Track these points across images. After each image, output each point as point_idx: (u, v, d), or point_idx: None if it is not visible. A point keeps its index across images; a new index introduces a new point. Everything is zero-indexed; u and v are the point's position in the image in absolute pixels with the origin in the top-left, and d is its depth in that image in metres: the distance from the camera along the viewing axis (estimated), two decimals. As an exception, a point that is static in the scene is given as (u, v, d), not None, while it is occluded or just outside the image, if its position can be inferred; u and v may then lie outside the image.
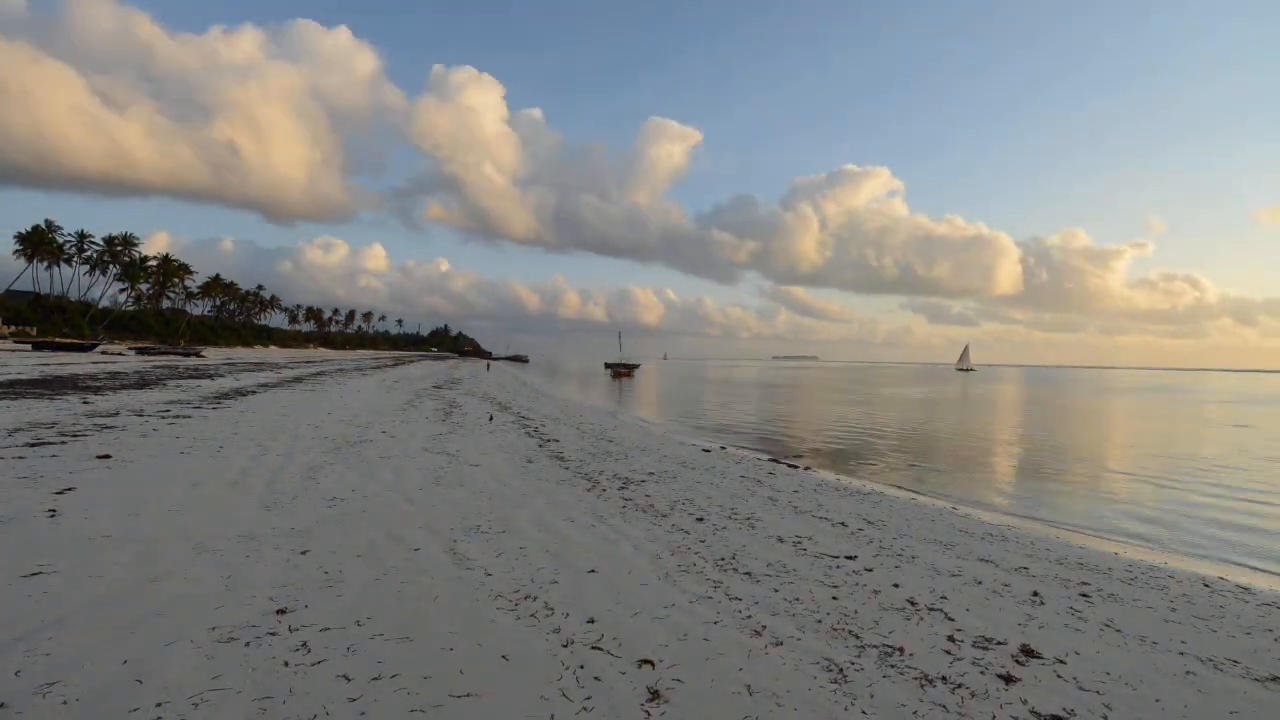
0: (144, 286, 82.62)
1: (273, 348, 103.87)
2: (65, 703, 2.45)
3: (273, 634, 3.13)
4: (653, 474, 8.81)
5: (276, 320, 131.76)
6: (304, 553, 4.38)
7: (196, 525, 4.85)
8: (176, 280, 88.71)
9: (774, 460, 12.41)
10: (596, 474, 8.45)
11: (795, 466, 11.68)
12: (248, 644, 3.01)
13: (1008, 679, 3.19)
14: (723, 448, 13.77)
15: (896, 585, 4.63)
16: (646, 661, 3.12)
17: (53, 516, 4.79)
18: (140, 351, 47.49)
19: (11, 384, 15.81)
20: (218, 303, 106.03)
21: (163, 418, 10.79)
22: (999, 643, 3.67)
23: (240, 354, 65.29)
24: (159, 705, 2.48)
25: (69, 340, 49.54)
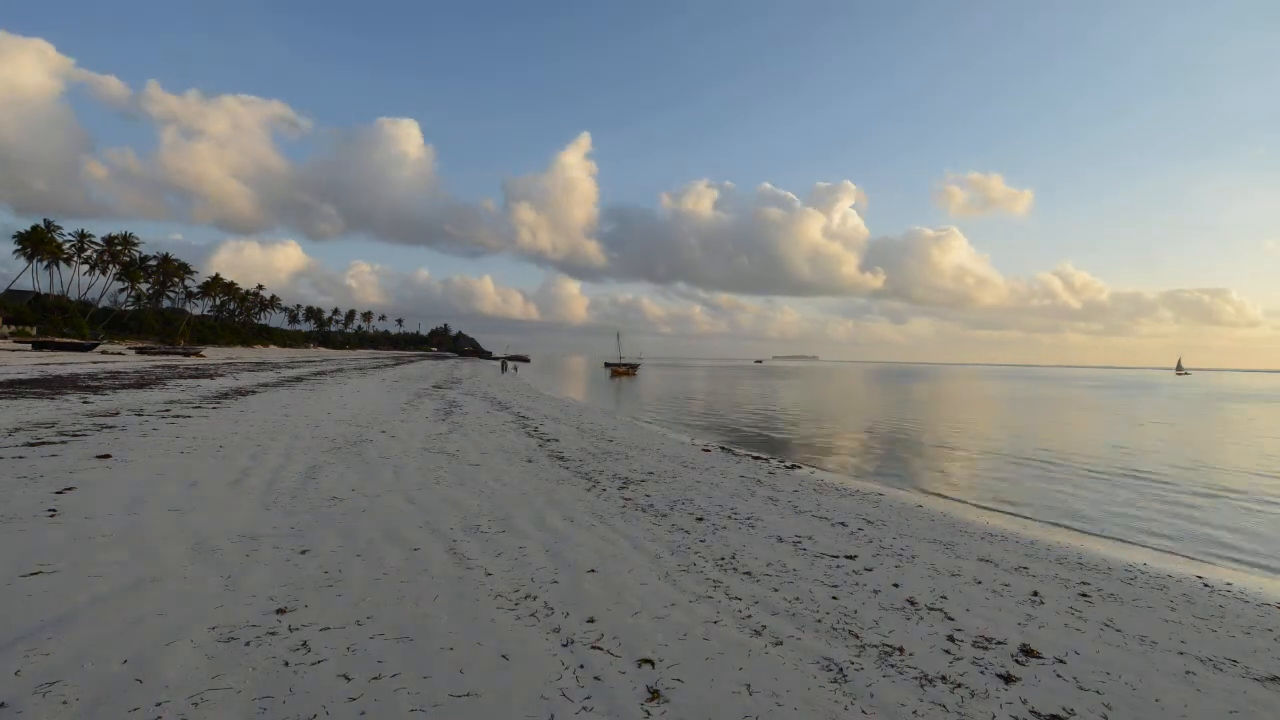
0: (144, 286, 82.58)
1: (272, 347, 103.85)
2: (65, 703, 2.45)
3: (273, 634, 3.13)
4: (652, 473, 8.81)
5: (276, 320, 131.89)
6: (304, 553, 4.38)
7: (196, 525, 4.85)
8: (176, 280, 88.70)
9: (774, 460, 12.41)
10: (596, 473, 8.45)
11: (795, 466, 11.68)
12: (248, 644, 3.01)
13: (1008, 679, 3.20)
14: (723, 448, 13.77)
15: (896, 585, 4.63)
16: (646, 661, 3.12)
17: (53, 516, 4.79)
18: (140, 351, 47.46)
19: (11, 384, 15.80)
20: (218, 302, 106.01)
21: (163, 417, 10.79)
22: (999, 642, 3.67)
23: (240, 353, 65.29)
24: (159, 705, 2.48)
25: (69, 340, 49.52)
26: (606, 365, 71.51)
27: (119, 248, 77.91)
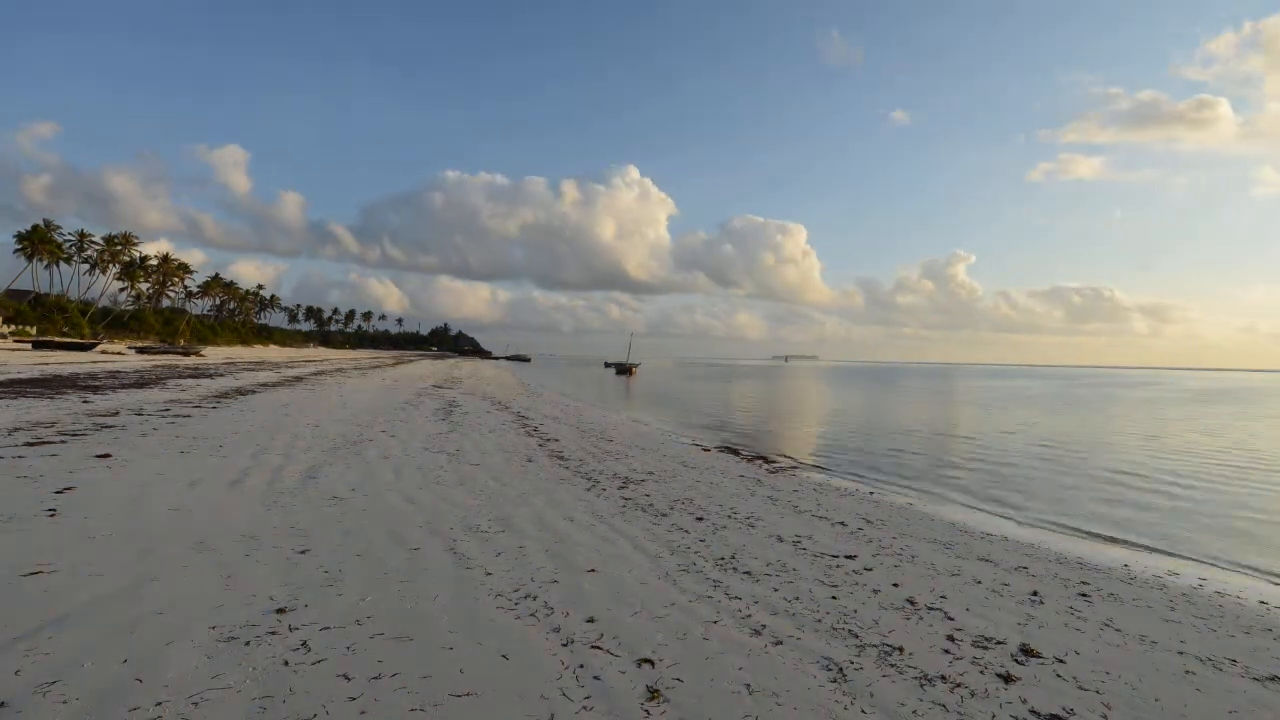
0: (144, 285, 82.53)
1: (272, 347, 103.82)
2: (65, 702, 2.45)
3: (273, 634, 3.13)
4: (652, 473, 8.82)
5: (276, 319, 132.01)
6: (304, 552, 4.38)
7: (196, 525, 4.85)
8: (176, 279, 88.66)
9: (773, 460, 12.42)
10: (596, 473, 8.45)
11: (795, 466, 11.69)
12: (248, 644, 3.01)
13: (1007, 678, 3.20)
14: (723, 448, 13.77)
15: (896, 584, 4.63)
16: (646, 661, 3.12)
17: (53, 516, 4.79)
18: (140, 350, 47.43)
19: (11, 383, 15.80)
20: (217, 302, 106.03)
21: (163, 417, 10.79)
22: (999, 642, 3.67)
23: (240, 353, 65.26)
24: (159, 705, 2.48)
25: (69, 339, 49.52)
26: (607, 365, 72.32)
27: (119, 247, 77.90)
